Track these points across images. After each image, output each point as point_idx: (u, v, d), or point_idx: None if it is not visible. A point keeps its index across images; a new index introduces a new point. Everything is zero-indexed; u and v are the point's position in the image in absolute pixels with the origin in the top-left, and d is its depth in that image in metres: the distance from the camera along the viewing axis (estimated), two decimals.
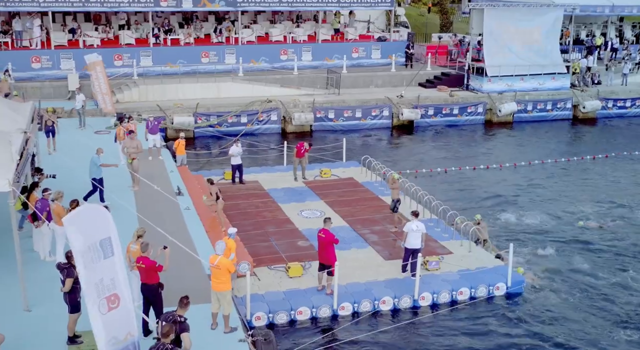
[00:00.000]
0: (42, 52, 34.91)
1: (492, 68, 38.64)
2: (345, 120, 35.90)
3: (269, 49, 39.64)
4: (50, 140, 25.04)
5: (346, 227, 20.42)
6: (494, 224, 22.65)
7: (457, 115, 37.71)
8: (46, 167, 20.24)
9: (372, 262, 18.07)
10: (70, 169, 20.97)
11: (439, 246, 19.09)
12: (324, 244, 16.03)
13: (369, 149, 33.07)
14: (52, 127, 25.18)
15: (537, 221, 22.95)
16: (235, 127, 33.96)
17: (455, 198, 25.40)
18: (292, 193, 23.69)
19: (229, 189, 23.96)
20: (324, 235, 16.02)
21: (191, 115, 33.18)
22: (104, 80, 30.18)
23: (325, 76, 38.11)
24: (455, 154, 32.61)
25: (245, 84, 35.88)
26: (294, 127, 35.03)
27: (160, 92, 34.49)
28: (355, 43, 42.02)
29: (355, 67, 41.10)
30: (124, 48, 36.84)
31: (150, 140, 24.13)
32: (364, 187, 24.43)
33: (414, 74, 39.96)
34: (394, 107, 36.52)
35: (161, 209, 18.89)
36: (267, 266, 17.62)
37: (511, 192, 26.41)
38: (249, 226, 20.41)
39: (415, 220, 16.90)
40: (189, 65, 37.31)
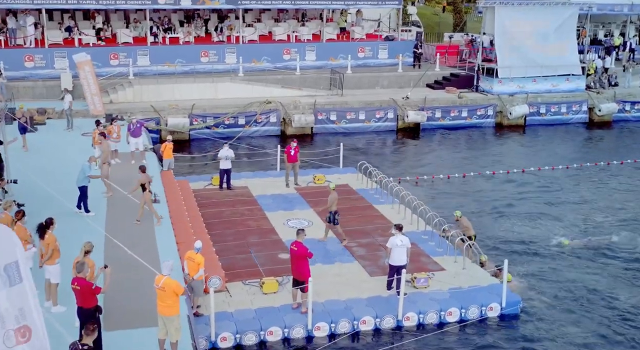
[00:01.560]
0: (36, 51, 33.94)
1: (504, 69, 37.03)
2: (348, 122, 34.52)
3: (271, 48, 38.35)
4: (24, 138, 24.56)
5: (333, 239, 19.06)
6: (494, 235, 21.19)
7: (465, 117, 36.14)
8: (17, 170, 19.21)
9: (356, 277, 16.69)
10: (41, 172, 19.89)
11: (430, 262, 17.65)
12: (296, 258, 14.72)
13: (371, 153, 31.75)
14: (25, 124, 24.78)
15: (540, 232, 21.44)
16: (233, 129, 32.72)
17: (455, 207, 23.89)
18: (281, 200, 22.37)
19: (215, 195, 22.76)
20: (296, 248, 14.69)
21: (186, 117, 31.99)
22: (93, 81, 29.09)
23: (329, 77, 36.70)
24: (462, 158, 31.09)
25: (244, 85, 34.64)
26: (294, 129, 33.69)
27: (155, 93, 33.35)
28: (361, 42, 40.57)
29: (362, 67, 39.68)
30: (121, 47, 35.74)
31: (132, 144, 22.92)
32: (358, 195, 23.05)
33: (421, 74, 38.38)
34: (399, 109, 35.05)
35: (132, 218, 17.65)
36: (242, 281, 16.32)
37: (516, 201, 24.89)
38: (229, 236, 19.13)
39: (399, 235, 15.50)
40: (188, 65, 36.13)
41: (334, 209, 18.52)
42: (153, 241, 16.35)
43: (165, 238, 16.64)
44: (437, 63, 39.73)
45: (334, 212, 18.52)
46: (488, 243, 20.54)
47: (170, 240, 16.51)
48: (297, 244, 14.71)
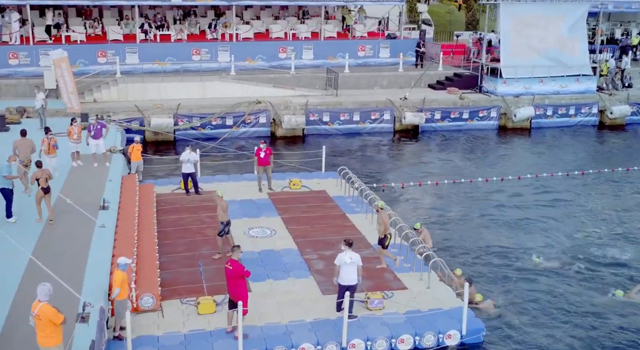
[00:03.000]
0: (20, 48, 32.97)
1: (508, 69, 35.16)
2: (342, 123, 32.98)
3: (266, 46, 36.98)
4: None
5: (292, 251, 17.59)
6: (475, 246, 19.57)
7: (467, 119, 34.38)
8: None
9: (307, 296, 15.18)
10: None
11: (393, 279, 16.06)
12: (231, 278, 13.26)
13: (364, 156, 30.24)
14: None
15: (524, 246, 19.75)
16: (220, 130, 31.42)
17: (441, 218, 22.34)
18: (249, 206, 20.96)
19: (180, 200, 21.42)
20: (231, 266, 13.24)
21: (171, 117, 30.76)
22: (69, 78, 27.97)
23: (325, 76, 35.18)
24: (460, 163, 29.38)
25: (234, 84, 33.30)
26: (284, 130, 32.30)
27: (141, 92, 32.16)
28: (361, 41, 39.00)
29: (362, 66, 38.14)
30: (109, 44, 34.66)
31: (92, 146, 21.64)
32: (333, 203, 21.52)
33: (421, 74, 36.63)
34: (396, 110, 33.41)
35: (70, 227, 16.38)
36: (180, 299, 14.91)
37: (508, 209, 23.21)
38: (181, 247, 17.76)
39: (349, 251, 13.96)
40: (179, 63, 34.88)
41: (225, 219, 16.90)
42: (85, 253, 15.01)
43: (100, 250, 15.27)
44: (441, 62, 37.96)
45: (226, 223, 16.91)
46: (466, 255, 18.99)
47: (105, 253, 15.14)
48: (232, 262, 13.28)
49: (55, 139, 19.64)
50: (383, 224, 16.32)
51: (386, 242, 16.23)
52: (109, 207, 17.87)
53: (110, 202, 18.15)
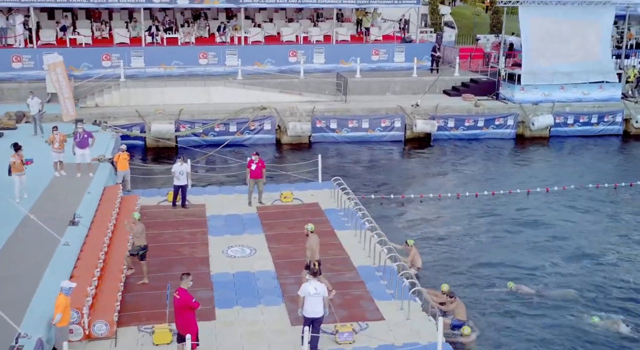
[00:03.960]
0: (24, 51, 32.52)
1: (527, 75, 33.56)
2: (350, 131, 31.78)
3: (275, 50, 35.95)
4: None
5: (269, 273, 16.49)
6: (473, 265, 18.31)
7: (482, 128, 32.88)
8: None
9: (273, 326, 14.06)
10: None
11: (371, 308, 14.84)
12: (178, 308, 12.23)
13: (371, 165, 29.06)
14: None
15: (524, 269, 18.42)
16: (223, 137, 30.49)
17: (442, 233, 21.08)
18: (234, 222, 19.92)
19: (163, 214, 20.52)
20: (179, 296, 12.21)
21: (172, 123, 29.95)
22: (65, 83, 27.28)
23: (335, 81, 34.00)
24: (472, 174, 28.03)
25: (239, 89, 32.37)
26: (290, 137, 31.25)
27: (143, 96, 31.44)
28: (375, 44, 37.73)
29: (375, 71, 36.89)
30: (114, 47, 34.02)
31: (79, 155, 20.87)
32: (324, 217, 20.37)
33: (434, 80, 35.19)
34: (407, 117, 32.09)
35: (30, 245, 15.51)
36: (138, 325, 13.94)
37: (512, 227, 21.86)
38: (153, 267, 16.74)
39: (313, 281, 12.81)
40: (185, 67, 34.14)
41: (143, 243, 15.75)
42: (39, 276, 14.11)
43: (57, 272, 14.34)
44: (457, 67, 36.51)
45: (142, 247, 15.75)
46: (461, 275, 17.76)
47: (61, 276, 14.17)
48: (181, 291, 12.24)
49: (23, 155, 18.45)
50: (309, 249, 15.16)
51: (314, 269, 14.78)
52: (79, 222, 17.00)
53: (82, 217, 17.31)
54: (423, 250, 19.19)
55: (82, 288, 13.71)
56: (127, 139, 29.38)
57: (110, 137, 26.37)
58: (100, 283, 14.91)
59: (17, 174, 18.19)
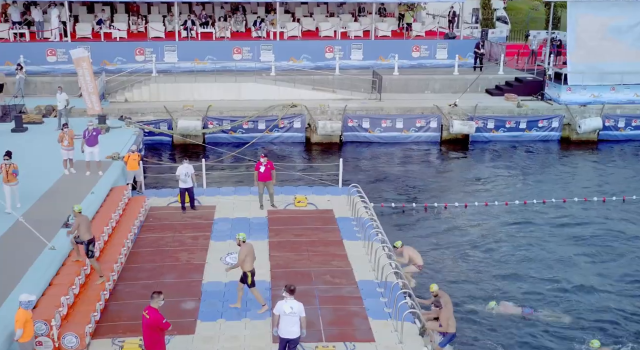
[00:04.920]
0: (58, 45, 32.56)
1: (575, 75, 31.58)
2: (383, 131, 30.57)
3: (312, 45, 35.02)
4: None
5: (263, 283, 15.55)
6: (489, 290, 16.93)
7: (524, 130, 31.13)
8: None
9: (254, 342, 13.14)
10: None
11: (363, 328, 13.73)
12: (147, 328, 11.46)
13: (404, 168, 27.93)
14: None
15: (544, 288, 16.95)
16: (252, 134, 29.79)
17: (463, 245, 19.77)
18: (240, 226, 19.04)
19: (170, 216, 19.86)
20: (148, 315, 11.42)
21: (199, 119, 29.41)
22: (90, 78, 27.04)
23: (371, 79, 32.81)
24: (510, 179, 26.56)
25: (270, 85, 31.54)
26: (320, 136, 30.28)
27: (173, 92, 30.99)
28: (416, 41, 36.34)
29: (416, 68, 35.52)
30: (148, 42, 33.75)
31: (87, 153, 20.44)
32: (335, 225, 19.31)
33: (475, 78, 33.53)
34: (444, 117, 30.64)
35: (15, 249, 15.02)
36: (113, 338, 13.28)
37: (547, 243, 20.25)
38: (145, 273, 16.14)
39: (290, 299, 11.83)
40: (219, 62, 33.55)
41: (88, 237, 14.52)
42: (13, 283, 13.55)
43: (34, 279, 13.75)
44: (501, 65, 34.73)
45: (88, 242, 14.52)
46: (475, 290, 16.47)
47: (38, 284, 13.59)
48: (150, 310, 11.43)
49: (16, 165, 17.40)
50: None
51: (248, 280, 13.98)
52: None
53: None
54: (436, 263, 18.00)
55: (56, 298, 13.15)
56: (153, 135, 29.19)
57: (132, 133, 25.96)
58: (83, 291, 14.34)
59: (8, 185, 17.05)
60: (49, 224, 16.29)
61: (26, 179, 19.91)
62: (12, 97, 28.83)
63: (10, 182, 17.09)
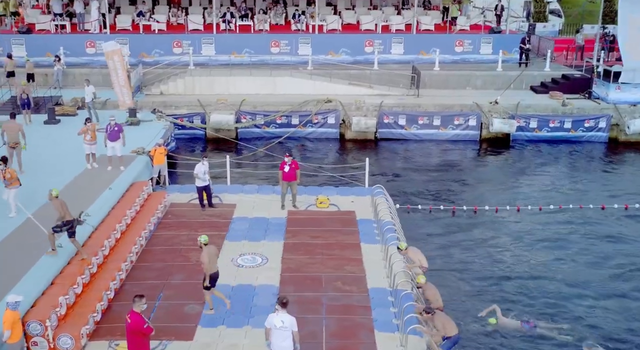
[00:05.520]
0: (97, 37, 32.75)
1: (627, 73, 29.97)
2: (420, 128, 29.68)
3: (351, 39, 34.26)
4: (26, 112, 25.35)
5: (271, 288, 15.10)
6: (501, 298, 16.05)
7: (569, 130, 29.75)
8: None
9: None
10: None
11: (367, 342, 13.06)
12: (129, 333, 11.14)
13: (440, 167, 26.99)
14: (27, 100, 25.46)
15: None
16: (285, 129, 29.36)
17: (491, 255, 18.88)
18: (257, 226, 18.68)
19: (189, 213, 19.62)
20: (130, 320, 11.10)
21: (232, 114, 29.13)
22: (121, 71, 27.03)
23: (410, 74, 31.90)
24: (550, 182, 25.42)
25: (306, 80, 31.01)
26: (354, 133, 29.62)
27: (208, 85, 30.82)
28: (460, 35, 35.18)
29: (459, 63, 34.41)
30: (186, 34, 33.65)
31: (109, 148, 20.33)
32: (355, 228, 18.69)
33: (518, 75, 32.23)
34: (484, 115, 29.55)
35: (19, 247, 14.88)
36: (110, 340, 13.04)
37: (564, 252, 19.15)
38: (154, 272, 15.89)
39: (281, 312, 11.30)
40: (256, 56, 33.21)
41: (66, 218, 14.36)
42: (11, 283, 13.40)
43: (34, 279, 13.54)
44: (548, 61, 33.30)
45: (66, 223, 14.35)
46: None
47: (38, 284, 13.40)
48: (132, 315, 11.12)
49: (12, 170, 16.81)
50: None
51: (205, 282, 13.65)
52: (85, 221, 16.30)
53: (90, 216, 16.63)
54: (451, 270, 17.23)
55: (54, 298, 12.97)
56: (187, 129, 29.08)
57: (162, 127, 25.83)
58: (87, 290, 14.16)
59: (10, 188, 16.45)
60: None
61: (48, 173, 20.13)
62: (47, 89, 29.07)
63: (14, 185, 16.51)
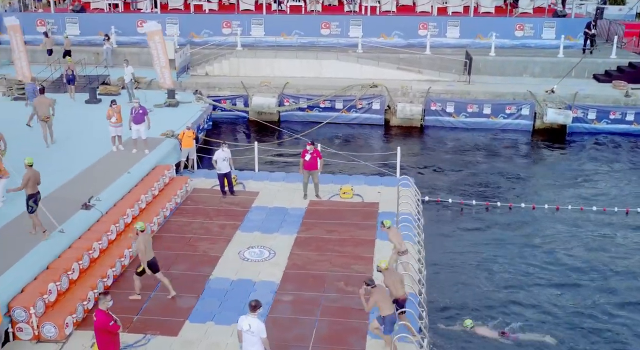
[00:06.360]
0: (148, 16, 32.79)
1: None
2: (468, 116, 28.40)
3: (405, 21, 33.10)
4: (72, 88, 26.70)
5: (271, 285, 14.58)
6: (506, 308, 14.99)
7: (631, 122, 27.80)
8: None
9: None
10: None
11: (355, 349, 12.45)
12: (96, 330, 10.87)
13: (486, 158, 25.68)
14: (72, 76, 26.63)
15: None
16: (328, 113, 28.69)
17: (498, 256, 17.74)
18: (274, 217, 18.18)
19: (209, 200, 19.37)
20: (95, 317, 10.83)
21: (275, 97, 28.67)
22: (162, 52, 26.92)
23: (463, 60, 30.51)
24: (605, 179, 23.69)
25: (353, 63, 30.14)
26: (399, 120, 28.64)
27: (253, 67, 30.43)
28: (520, 18, 33.37)
29: (518, 48, 32.69)
30: (235, 14, 33.31)
31: (134, 131, 20.23)
32: (373, 222, 17.91)
33: (587, 62, 30.27)
34: (538, 105, 27.93)
35: (21, 231, 14.86)
36: None
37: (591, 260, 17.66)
38: (158, 261, 15.62)
39: (250, 316, 10.75)
40: (306, 38, 32.59)
41: (30, 192, 14.15)
42: (11, 261, 13.44)
43: (26, 266, 13.45)
44: (614, 47, 31.14)
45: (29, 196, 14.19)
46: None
47: (28, 271, 13.33)
48: (98, 312, 10.82)
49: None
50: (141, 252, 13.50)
51: (139, 269, 13.58)
52: (94, 206, 16.24)
53: (100, 201, 16.54)
54: (469, 267, 16.24)
55: (43, 284, 12.89)
56: (228, 111, 28.87)
57: (199, 109, 25.65)
58: (82, 277, 14.04)
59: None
60: (71, 203, 16.10)
61: (72, 153, 20.30)
62: (94, 67, 29.41)
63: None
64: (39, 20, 33.06)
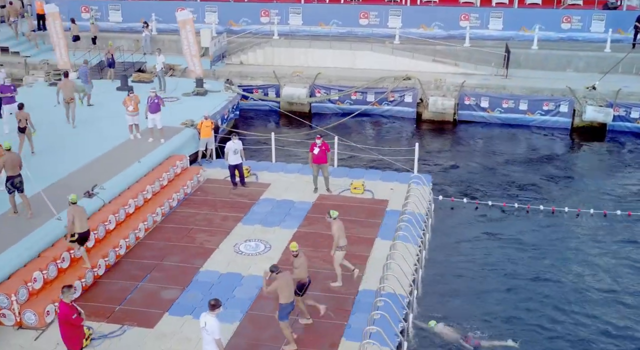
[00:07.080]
0: (188, 4, 33.03)
1: None
2: (504, 112, 27.48)
3: (445, 12, 32.19)
4: (111, 71, 28.08)
5: (258, 280, 14.35)
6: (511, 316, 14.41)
7: None
8: None
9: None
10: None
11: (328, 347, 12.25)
12: (59, 322, 11.00)
13: (518, 156, 24.89)
14: (111, 60, 28.08)
15: None
16: (360, 106, 28.30)
17: (509, 258, 17.11)
18: (279, 209, 18.10)
19: (218, 191, 19.45)
20: (58, 309, 10.97)
21: (306, 87, 28.47)
22: (193, 41, 27.06)
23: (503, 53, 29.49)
24: None
25: (387, 55, 29.58)
26: (431, 114, 27.98)
27: (287, 57, 30.29)
28: (568, 10, 31.97)
29: (565, 41, 31.37)
30: (274, 3, 33.13)
31: (150, 120, 20.42)
32: (379, 220, 17.59)
33: (636, 58, 28.77)
34: (577, 102, 26.77)
35: (17, 219, 15.20)
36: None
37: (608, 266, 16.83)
38: (154, 251, 15.77)
39: (208, 314, 10.62)
40: (344, 27, 32.19)
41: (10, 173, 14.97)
42: (2, 247, 13.80)
43: (17, 252, 13.71)
44: None
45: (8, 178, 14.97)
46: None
47: (18, 258, 13.59)
48: (61, 305, 10.92)
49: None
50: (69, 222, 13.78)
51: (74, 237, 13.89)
52: (97, 194, 16.49)
53: (104, 189, 16.79)
54: (472, 268, 15.71)
55: (29, 272, 13.18)
56: (259, 101, 28.85)
57: (225, 99, 25.70)
58: (73, 266, 14.28)
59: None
60: (76, 191, 16.31)
61: (91, 138, 20.70)
62: (131, 54, 29.88)
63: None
64: (84, 7, 33.80)
